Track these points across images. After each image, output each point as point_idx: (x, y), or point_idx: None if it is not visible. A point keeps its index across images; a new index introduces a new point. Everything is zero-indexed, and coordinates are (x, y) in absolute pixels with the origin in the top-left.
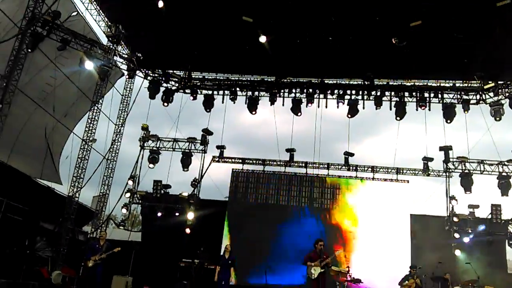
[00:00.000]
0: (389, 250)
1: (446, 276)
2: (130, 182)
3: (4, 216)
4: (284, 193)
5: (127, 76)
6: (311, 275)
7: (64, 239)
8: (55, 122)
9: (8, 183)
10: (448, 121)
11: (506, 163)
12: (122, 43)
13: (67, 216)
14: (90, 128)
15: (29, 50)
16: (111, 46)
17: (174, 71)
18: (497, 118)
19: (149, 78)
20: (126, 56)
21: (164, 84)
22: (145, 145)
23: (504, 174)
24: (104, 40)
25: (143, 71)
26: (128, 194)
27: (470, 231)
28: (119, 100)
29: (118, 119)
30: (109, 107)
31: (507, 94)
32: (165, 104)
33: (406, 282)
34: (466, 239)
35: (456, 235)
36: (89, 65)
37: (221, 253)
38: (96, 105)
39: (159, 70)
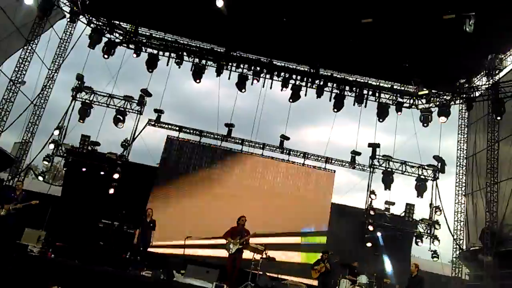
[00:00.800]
0: (307, 234)
1: (354, 264)
2: (56, 133)
3: None
4: (217, 167)
5: (68, 20)
6: (229, 250)
7: None
8: None
9: None
10: (381, 120)
11: (426, 167)
12: None
13: None
14: (21, 68)
15: None
16: None
17: (120, 23)
18: (425, 124)
19: (92, 25)
20: None
21: (107, 35)
22: (78, 96)
23: (422, 177)
24: None
25: (87, 17)
26: (52, 145)
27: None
28: (56, 44)
29: (53, 64)
30: (44, 50)
31: (437, 103)
32: (106, 56)
33: (317, 266)
34: (378, 233)
35: (370, 228)
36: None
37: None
38: (31, 44)
39: (104, 19)
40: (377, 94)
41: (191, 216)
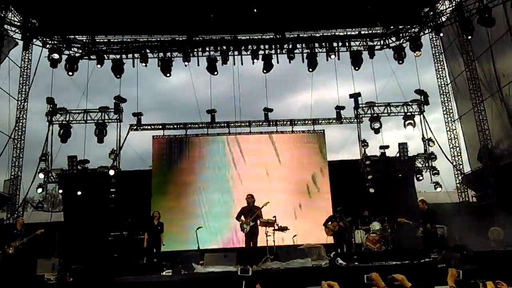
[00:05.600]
0: (312, 197)
1: (365, 213)
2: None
3: None
4: (209, 154)
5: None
6: (243, 230)
7: None
8: None
9: None
10: (356, 68)
11: (410, 103)
12: (12, 9)
13: None
14: None
15: None
16: None
17: (76, 36)
18: (400, 62)
19: (48, 46)
20: (18, 23)
21: (66, 52)
22: (53, 119)
23: (408, 113)
24: None
25: (40, 39)
26: (41, 174)
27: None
28: (18, 74)
29: (20, 94)
30: (7, 82)
31: (407, 38)
32: (70, 73)
33: (330, 223)
34: (376, 177)
35: (369, 176)
36: None
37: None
38: None
39: (58, 37)
40: (347, 44)
41: (198, 207)
